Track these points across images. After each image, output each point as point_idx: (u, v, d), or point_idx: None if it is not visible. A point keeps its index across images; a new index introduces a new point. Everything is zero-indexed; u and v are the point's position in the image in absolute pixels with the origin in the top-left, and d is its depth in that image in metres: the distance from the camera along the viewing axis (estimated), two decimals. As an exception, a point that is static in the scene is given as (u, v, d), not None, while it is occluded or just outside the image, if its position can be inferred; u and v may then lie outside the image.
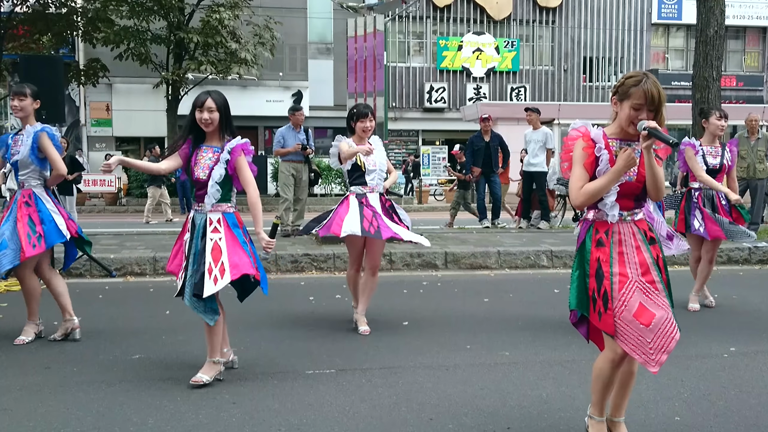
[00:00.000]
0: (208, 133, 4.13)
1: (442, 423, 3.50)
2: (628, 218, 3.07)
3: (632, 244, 3.03)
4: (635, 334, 2.91)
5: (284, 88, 27.19)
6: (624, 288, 2.97)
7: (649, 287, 2.98)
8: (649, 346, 2.90)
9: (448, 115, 29.24)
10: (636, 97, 2.90)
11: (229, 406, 3.71)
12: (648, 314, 2.91)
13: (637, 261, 3.01)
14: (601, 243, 3.04)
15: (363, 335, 5.17)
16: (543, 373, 4.28)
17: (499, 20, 29.82)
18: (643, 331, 2.90)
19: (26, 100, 4.86)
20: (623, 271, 2.99)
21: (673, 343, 2.93)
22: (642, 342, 2.91)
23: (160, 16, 19.56)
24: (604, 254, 3.02)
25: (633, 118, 2.92)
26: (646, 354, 2.91)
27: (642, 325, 2.90)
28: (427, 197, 23.81)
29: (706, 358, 4.65)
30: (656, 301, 2.95)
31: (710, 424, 3.50)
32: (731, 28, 28.43)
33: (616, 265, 3.00)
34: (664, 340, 2.91)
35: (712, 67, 10.37)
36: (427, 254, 8.35)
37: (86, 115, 26.44)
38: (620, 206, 3.04)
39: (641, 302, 2.94)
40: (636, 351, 2.92)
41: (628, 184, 3.01)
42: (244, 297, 4.35)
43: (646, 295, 2.96)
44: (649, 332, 2.90)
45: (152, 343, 4.63)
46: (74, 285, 6.65)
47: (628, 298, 2.95)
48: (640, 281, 2.98)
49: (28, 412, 3.62)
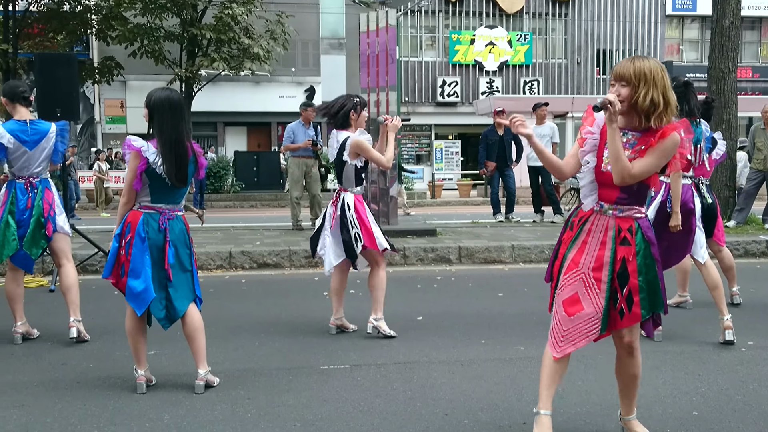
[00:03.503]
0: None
1: (457, 418, 3.48)
2: (609, 212, 2.96)
3: (599, 238, 2.96)
4: (557, 318, 2.98)
5: (297, 84, 27.21)
6: (569, 274, 2.98)
7: (593, 283, 2.94)
8: (562, 334, 2.97)
9: (461, 109, 29.15)
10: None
11: (244, 401, 3.72)
12: (577, 306, 2.94)
13: (595, 255, 2.96)
14: (572, 226, 3.06)
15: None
16: (559, 367, 4.25)
17: (512, 13, 29.67)
18: (564, 319, 2.96)
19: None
20: (576, 259, 2.99)
21: (585, 341, 2.96)
22: (559, 328, 2.98)
23: (173, 13, 19.62)
24: (568, 237, 3.05)
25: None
26: (556, 338, 2.98)
27: (565, 313, 2.95)
28: (440, 191, 23.76)
29: (724, 352, 4.61)
30: (592, 298, 2.94)
31: (728, 419, 3.46)
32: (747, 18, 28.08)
33: (574, 251, 3.00)
34: (577, 334, 2.95)
35: (728, 58, 10.24)
36: (441, 249, 8.34)
37: (101, 113, 26.63)
38: (602, 196, 2.97)
39: (577, 292, 2.95)
40: (552, 333, 3.00)
41: (609, 174, 2.88)
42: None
43: (586, 288, 2.95)
44: (569, 322, 2.95)
45: (168, 339, 4.65)
46: (90, 281, 6.70)
47: (567, 284, 2.98)
48: (588, 274, 2.96)
49: (45, 408, 3.64)
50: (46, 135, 4.93)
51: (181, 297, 3.87)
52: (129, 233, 3.80)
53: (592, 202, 3.00)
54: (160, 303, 3.84)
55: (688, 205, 4.89)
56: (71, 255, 5.20)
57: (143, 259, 3.77)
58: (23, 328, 4.98)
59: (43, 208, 4.92)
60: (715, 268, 5.09)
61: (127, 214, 3.85)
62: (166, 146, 3.75)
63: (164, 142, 3.76)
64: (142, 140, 3.79)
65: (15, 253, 4.88)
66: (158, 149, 3.76)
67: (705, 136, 5.06)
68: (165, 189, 3.82)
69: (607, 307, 2.93)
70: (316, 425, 3.40)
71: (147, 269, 3.77)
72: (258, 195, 21.90)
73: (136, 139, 3.79)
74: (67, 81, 7.64)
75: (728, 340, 4.75)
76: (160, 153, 3.75)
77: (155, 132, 3.79)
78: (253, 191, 22.32)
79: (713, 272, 5.01)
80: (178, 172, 3.78)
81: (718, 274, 5.06)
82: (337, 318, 5.17)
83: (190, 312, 3.90)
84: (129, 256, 3.78)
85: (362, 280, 7.23)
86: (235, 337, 5.05)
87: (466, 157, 28.02)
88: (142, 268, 3.76)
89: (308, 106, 10.29)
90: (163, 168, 3.74)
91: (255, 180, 23.29)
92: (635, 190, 2.93)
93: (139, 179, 3.76)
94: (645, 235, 2.97)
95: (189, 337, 3.91)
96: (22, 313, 4.99)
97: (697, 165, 4.97)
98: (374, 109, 9.76)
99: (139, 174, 3.75)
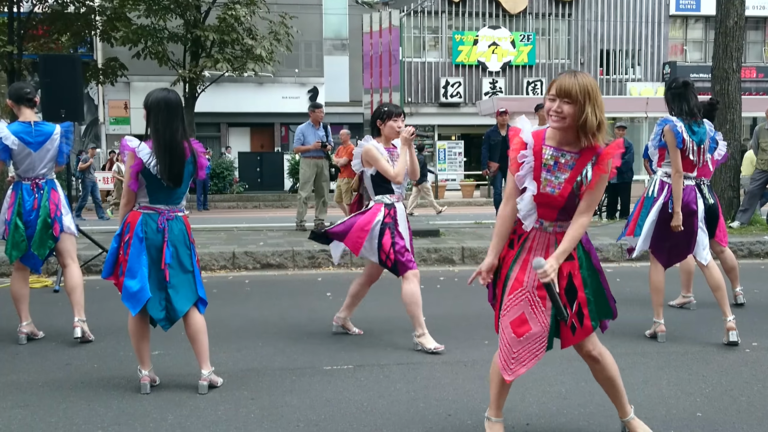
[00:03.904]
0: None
1: (460, 419, 3.49)
2: (550, 228, 2.93)
3: (542, 255, 2.91)
4: (505, 340, 2.93)
5: (300, 85, 27.23)
6: (513, 294, 2.93)
7: (538, 302, 2.91)
8: (512, 356, 2.92)
9: (464, 109, 29.13)
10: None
11: (247, 402, 3.73)
12: (525, 327, 2.90)
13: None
14: (512, 245, 2.99)
15: (382, 332, 5.16)
16: (562, 368, 4.25)
17: (515, 14, 29.64)
18: (513, 341, 2.91)
19: None
20: (520, 278, 2.94)
21: (535, 361, 2.93)
22: (508, 349, 2.93)
23: (177, 14, 19.68)
24: (509, 256, 2.98)
25: (548, 109, 2.80)
26: (506, 361, 2.94)
27: (513, 335, 2.90)
28: (443, 192, 23.76)
29: (728, 353, 4.60)
30: (538, 317, 2.90)
31: (733, 420, 3.46)
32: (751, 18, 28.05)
33: (517, 269, 2.95)
34: (527, 355, 2.91)
35: (732, 58, 10.21)
36: (444, 249, 8.33)
37: (105, 114, 26.68)
38: (541, 215, 2.91)
39: (524, 313, 2.91)
40: (501, 355, 2.96)
41: (549, 196, 2.86)
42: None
43: (532, 308, 2.91)
44: (518, 343, 2.91)
45: (171, 339, 4.66)
46: (94, 282, 6.71)
47: (513, 304, 2.92)
48: (532, 293, 2.91)
49: (50, 408, 3.65)
50: (50, 136, 4.94)
51: (181, 298, 3.87)
52: (128, 233, 3.81)
53: (532, 222, 2.93)
54: (159, 304, 3.85)
55: (691, 206, 4.87)
56: (76, 255, 5.22)
57: (140, 259, 3.77)
58: (28, 328, 4.99)
59: (50, 208, 4.94)
60: (718, 269, 5.08)
61: (128, 214, 3.86)
62: (160, 146, 3.76)
63: (159, 142, 3.76)
64: (137, 140, 3.80)
65: (24, 254, 4.91)
66: (153, 149, 3.76)
67: (710, 136, 5.05)
68: (162, 189, 3.82)
69: (552, 325, 2.92)
70: (319, 426, 3.40)
71: (144, 269, 3.78)
72: (261, 196, 21.95)
73: (131, 139, 3.81)
74: (72, 82, 7.67)
75: (732, 341, 4.74)
76: (155, 153, 3.75)
77: (151, 132, 3.81)
78: (256, 192, 22.35)
79: (716, 273, 5.00)
80: (172, 172, 3.78)
81: (720, 275, 5.05)
82: (342, 317, 5.14)
83: (192, 313, 3.91)
84: (127, 256, 3.79)
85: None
86: (239, 337, 5.05)
87: (469, 157, 28.00)
88: (139, 268, 3.77)
89: (316, 107, 10.43)
90: (157, 168, 3.75)
91: (258, 181, 23.33)
92: (575, 206, 2.90)
93: (135, 180, 3.77)
94: (584, 247, 2.97)
95: (192, 338, 3.92)
96: (27, 314, 5.01)
97: (701, 165, 4.94)
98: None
99: (134, 174, 3.76)
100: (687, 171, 4.85)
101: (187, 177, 3.88)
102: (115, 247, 3.87)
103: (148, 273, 3.78)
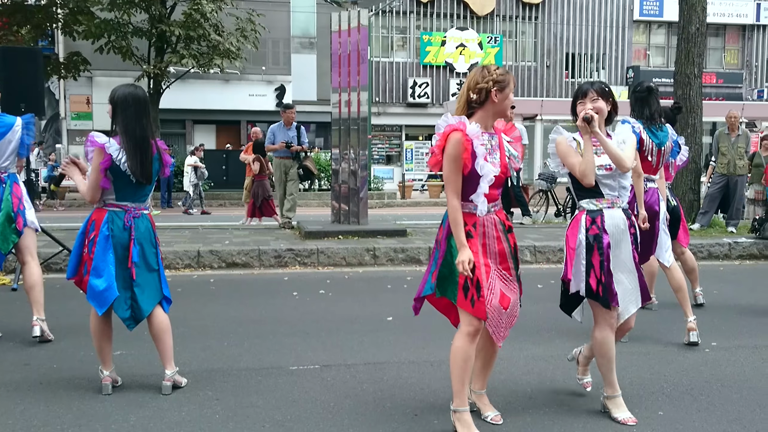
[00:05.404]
0: None
1: (426, 419, 3.49)
2: (492, 209, 3.25)
3: (493, 235, 3.24)
4: (496, 316, 3.23)
5: (267, 83, 27.03)
6: (489, 277, 3.21)
7: (505, 274, 3.28)
8: (501, 326, 3.27)
9: (432, 110, 29.21)
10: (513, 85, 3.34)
11: (212, 402, 3.68)
12: (506, 299, 3.24)
13: (496, 251, 3.25)
14: (470, 235, 3.18)
15: (348, 332, 5.15)
16: (527, 368, 4.29)
17: (483, 16, 29.83)
18: (501, 313, 3.24)
19: None
20: (486, 262, 3.21)
21: (515, 320, 3.33)
22: (498, 322, 3.25)
23: (142, 8, 19.34)
24: (473, 246, 3.17)
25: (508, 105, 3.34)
26: (497, 332, 3.28)
27: (502, 309, 3.23)
28: (410, 192, 23.81)
29: (688, 353, 4.69)
30: (510, 286, 3.28)
31: (693, 418, 3.52)
32: (711, 25, 28.65)
33: (482, 256, 3.19)
34: (510, 319, 3.30)
35: (693, 64, 10.43)
36: (411, 249, 8.34)
37: (66, 109, 26.13)
38: (488, 198, 3.19)
39: (501, 289, 3.23)
40: (493, 329, 3.27)
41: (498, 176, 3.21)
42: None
43: (503, 281, 3.26)
44: (505, 314, 3.26)
45: (134, 339, 4.58)
46: (54, 280, 6.57)
47: (493, 286, 3.20)
48: (499, 269, 3.26)
49: (7, 410, 3.56)
50: (11, 128, 4.82)
51: (147, 297, 3.81)
52: (93, 231, 3.73)
53: (485, 206, 3.20)
54: (125, 303, 3.78)
55: (654, 208, 4.96)
56: (36, 253, 5.09)
57: (106, 257, 3.70)
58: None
59: (12, 202, 4.82)
60: (680, 271, 5.19)
61: (92, 212, 3.78)
62: (130, 143, 3.69)
63: (128, 138, 3.70)
64: (105, 136, 3.72)
65: None
66: (122, 146, 3.69)
67: (672, 140, 5.13)
68: (130, 187, 3.76)
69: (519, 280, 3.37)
70: (285, 426, 3.38)
71: (110, 267, 3.70)
72: (227, 194, 21.71)
73: (99, 135, 3.72)
74: (32, 76, 7.51)
75: (692, 341, 4.83)
76: (124, 149, 3.69)
77: (119, 128, 3.73)
78: (222, 190, 22.11)
79: (678, 274, 5.10)
80: (143, 169, 3.72)
81: (682, 277, 5.15)
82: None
83: (156, 312, 3.85)
84: (92, 255, 3.71)
85: (332, 280, 7.22)
86: (203, 337, 4.99)
87: (436, 158, 28.04)
88: (105, 266, 3.70)
89: (287, 108, 10.53)
90: (128, 165, 3.68)
91: (224, 179, 23.10)
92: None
93: (105, 176, 3.69)
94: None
95: (155, 337, 3.86)
96: None
97: (659, 167, 5.02)
98: (345, 108, 9.76)
99: (103, 171, 3.68)
100: (646, 172, 4.90)
101: (154, 174, 3.82)
102: (79, 246, 3.79)
103: (114, 271, 3.71)
